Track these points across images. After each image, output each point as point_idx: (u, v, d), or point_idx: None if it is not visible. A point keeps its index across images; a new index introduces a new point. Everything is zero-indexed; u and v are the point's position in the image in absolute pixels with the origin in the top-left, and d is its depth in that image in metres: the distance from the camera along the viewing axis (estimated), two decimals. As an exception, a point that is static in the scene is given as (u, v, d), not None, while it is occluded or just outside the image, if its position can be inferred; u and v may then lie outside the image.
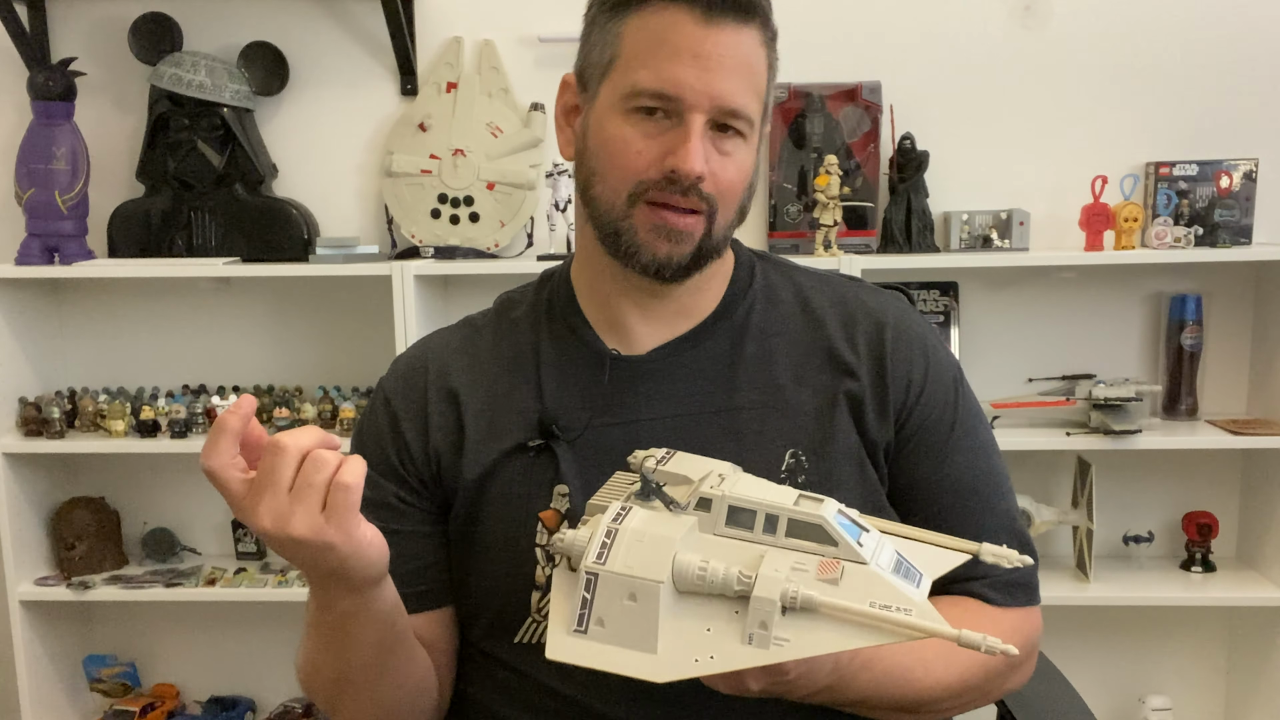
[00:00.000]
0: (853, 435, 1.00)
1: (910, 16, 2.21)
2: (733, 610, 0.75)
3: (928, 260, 2.13)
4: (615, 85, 0.95)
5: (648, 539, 0.76)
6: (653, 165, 0.94)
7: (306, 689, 1.00)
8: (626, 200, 0.95)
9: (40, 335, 2.34)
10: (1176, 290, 2.22)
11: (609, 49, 0.96)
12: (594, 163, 0.98)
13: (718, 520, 0.78)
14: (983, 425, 1.07)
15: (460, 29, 2.26)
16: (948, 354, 1.08)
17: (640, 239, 0.96)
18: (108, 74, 2.30)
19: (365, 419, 1.08)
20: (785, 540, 0.77)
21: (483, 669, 1.03)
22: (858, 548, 0.76)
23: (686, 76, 0.91)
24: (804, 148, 2.19)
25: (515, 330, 1.07)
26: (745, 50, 0.93)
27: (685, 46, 0.91)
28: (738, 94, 0.93)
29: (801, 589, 0.73)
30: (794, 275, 1.09)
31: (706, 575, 0.75)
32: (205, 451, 0.78)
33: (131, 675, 2.47)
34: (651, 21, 0.93)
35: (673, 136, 0.93)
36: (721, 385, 1.01)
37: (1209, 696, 2.36)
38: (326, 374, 2.35)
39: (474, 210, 2.26)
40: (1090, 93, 2.20)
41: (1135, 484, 2.28)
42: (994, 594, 1.01)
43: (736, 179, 0.96)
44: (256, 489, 0.78)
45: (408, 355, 1.11)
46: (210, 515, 2.44)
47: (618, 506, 0.79)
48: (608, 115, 0.96)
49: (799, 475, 0.98)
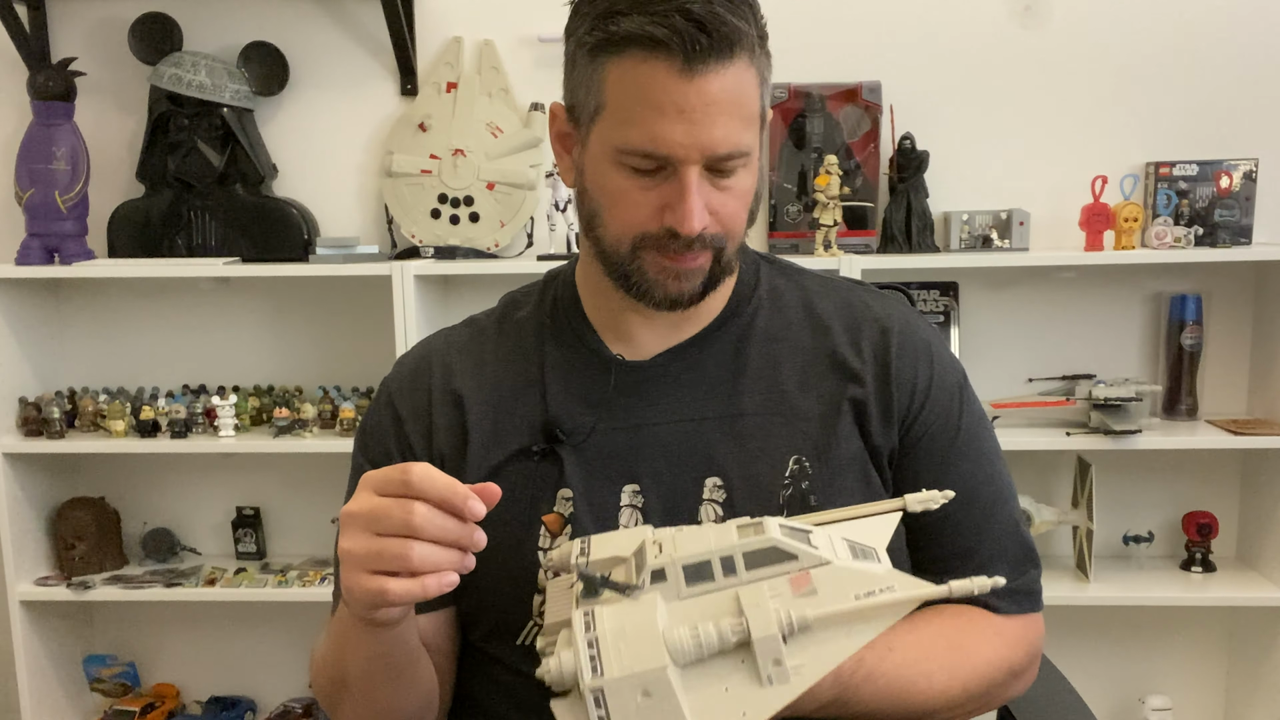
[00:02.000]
0: (857, 442, 0.99)
1: (910, 16, 2.21)
2: (738, 661, 0.74)
3: (928, 260, 2.13)
4: (604, 137, 0.93)
5: (630, 632, 0.75)
6: (652, 219, 0.93)
7: (312, 681, 1.02)
8: (630, 250, 0.95)
9: (40, 335, 2.34)
10: (1176, 290, 2.22)
11: (594, 96, 0.92)
12: (594, 205, 0.97)
13: (679, 585, 0.77)
14: (987, 432, 1.07)
15: (460, 29, 2.26)
16: (953, 360, 1.07)
17: (650, 279, 0.96)
18: (108, 74, 2.30)
19: (369, 417, 1.08)
20: (749, 574, 0.76)
21: (485, 670, 1.03)
22: (815, 551, 0.76)
23: (674, 134, 0.89)
24: (804, 148, 2.19)
25: (520, 333, 1.07)
26: (732, 88, 0.90)
27: (669, 103, 0.88)
28: (729, 138, 0.90)
29: (793, 613, 0.73)
30: (799, 279, 1.08)
31: (701, 640, 0.74)
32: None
33: (131, 675, 2.47)
34: (632, 74, 0.89)
35: (669, 190, 0.91)
36: (726, 391, 1.01)
37: (1209, 696, 2.36)
38: (326, 374, 2.35)
39: (474, 210, 2.26)
40: (1090, 93, 2.20)
41: (1135, 484, 2.28)
42: (998, 601, 1.01)
43: (740, 207, 0.95)
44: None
45: (412, 355, 1.10)
46: (210, 515, 2.44)
47: (581, 616, 0.77)
48: (601, 163, 0.94)
49: (803, 481, 0.97)
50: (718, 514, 0.97)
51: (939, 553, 1.02)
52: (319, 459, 2.24)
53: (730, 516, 0.96)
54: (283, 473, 2.40)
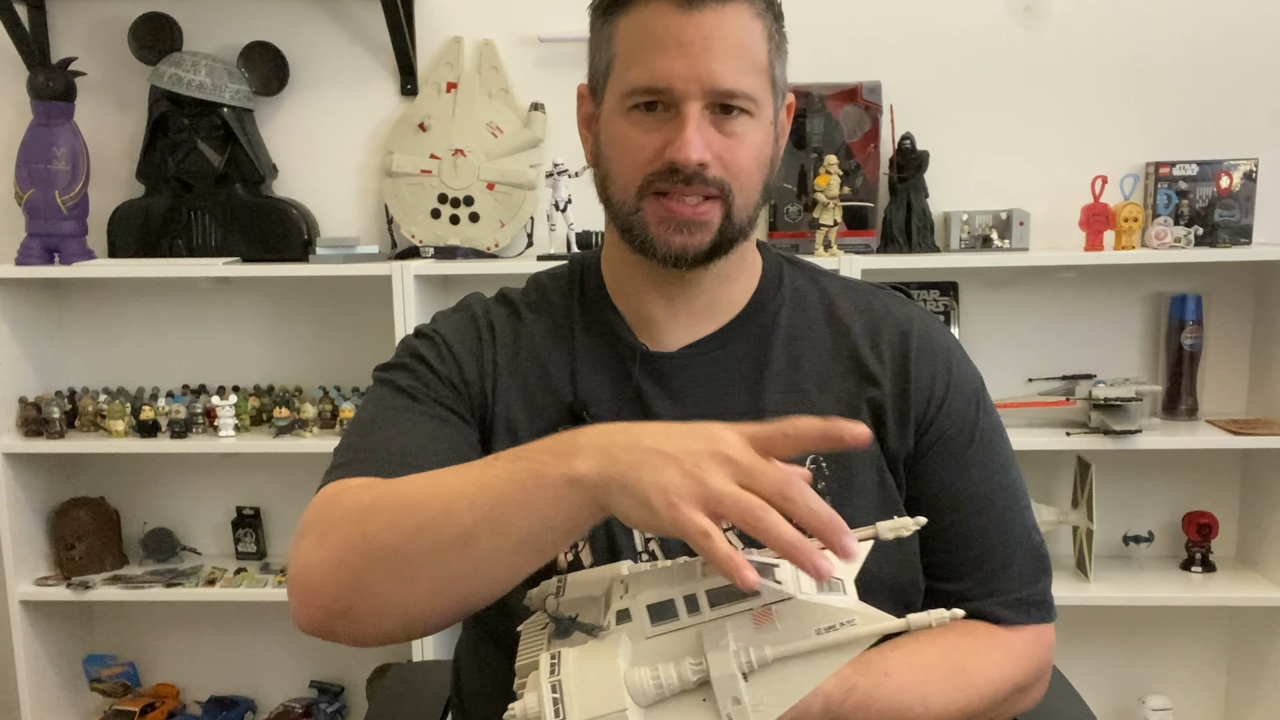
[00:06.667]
0: (873, 444, 0.99)
1: (910, 16, 2.21)
2: (700, 699, 0.75)
3: (928, 260, 2.13)
4: (615, 87, 0.96)
5: (591, 675, 0.75)
6: (655, 158, 0.94)
7: (365, 516, 0.84)
8: (635, 195, 0.96)
9: (40, 335, 2.34)
10: (1176, 290, 2.22)
11: (605, 53, 0.97)
12: (606, 165, 0.99)
13: (643, 625, 0.77)
14: (1003, 440, 1.06)
15: (460, 29, 2.26)
16: (971, 367, 1.08)
17: (652, 233, 0.96)
18: (108, 74, 2.30)
19: (421, 347, 1.05)
20: (713, 612, 0.77)
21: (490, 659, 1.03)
22: (778, 586, 0.76)
23: (674, 66, 0.91)
24: (804, 148, 2.19)
25: (554, 317, 1.07)
26: (732, 28, 0.92)
27: (669, 36, 0.92)
28: (729, 74, 0.92)
29: (752, 652, 0.74)
30: (820, 280, 1.09)
31: (662, 681, 0.74)
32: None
33: (131, 675, 2.47)
34: (637, 19, 0.94)
35: (671, 128, 0.93)
36: (747, 387, 1.01)
37: (1209, 696, 2.36)
38: (326, 374, 2.35)
39: (474, 210, 2.26)
40: (1090, 93, 2.20)
41: (1135, 484, 2.28)
42: (1006, 612, 1.01)
43: (748, 159, 0.96)
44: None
45: (456, 314, 1.09)
46: (210, 515, 2.45)
47: (547, 659, 0.77)
48: (613, 117, 0.97)
49: (819, 482, 0.97)
50: None
51: (949, 559, 1.01)
52: (319, 459, 2.21)
53: None
54: (283, 473, 2.40)
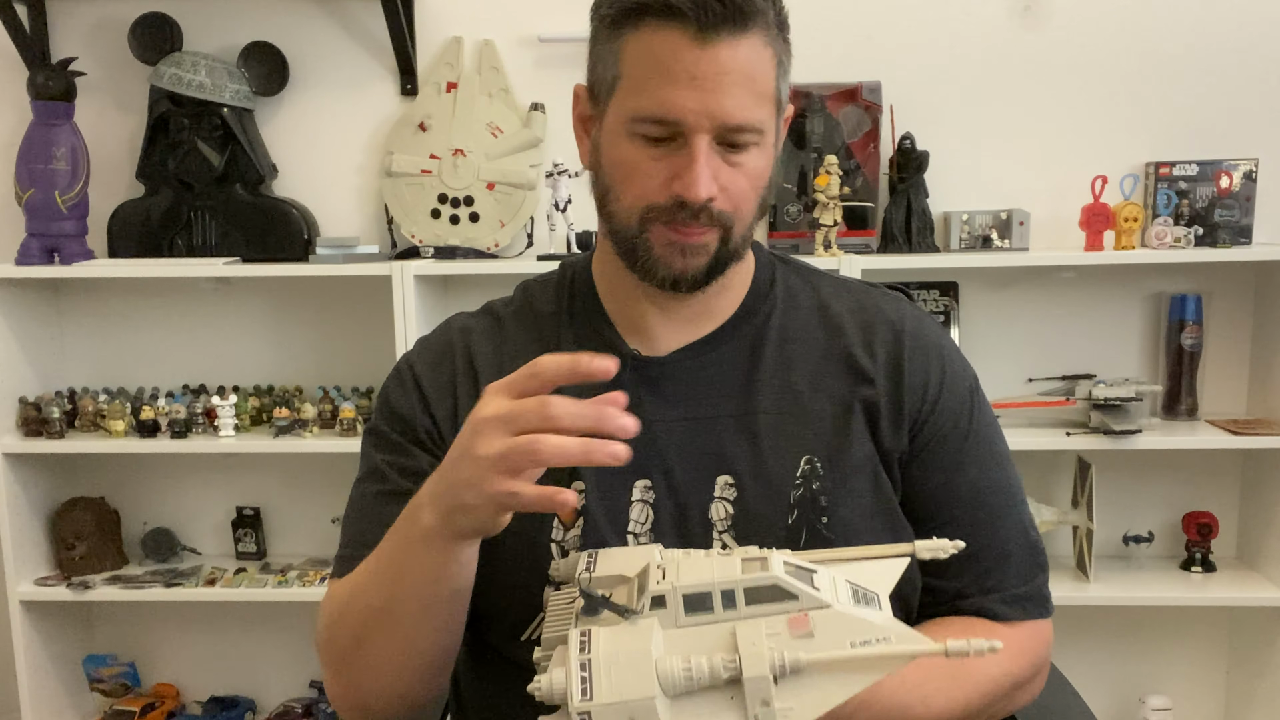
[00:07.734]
0: (868, 443, 0.99)
1: (910, 16, 2.21)
2: (728, 697, 0.74)
3: (928, 260, 2.13)
4: (620, 107, 0.94)
5: (623, 658, 0.74)
6: (660, 189, 0.93)
7: (326, 626, 0.97)
8: (639, 222, 0.95)
9: (40, 335, 2.34)
10: (1176, 290, 2.22)
11: (611, 68, 0.95)
12: (607, 180, 0.97)
13: (677, 614, 0.77)
14: (998, 436, 1.07)
15: (460, 29, 2.26)
16: (964, 364, 1.07)
17: (655, 255, 0.96)
18: (108, 74, 2.30)
19: (394, 393, 1.06)
20: (748, 610, 0.76)
21: (488, 664, 1.03)
22: (816, 593, 0.76)
23: (685, 100, 0.90)
24: (804, 148, 2.19)
25: (539, 324, 1.06)
26: (745, 60, 0.91)
27: (681, 70, 0.90)
28: (740, 109, 0.91)
29: (786, 655, 0.73)
30: (813, 280, 1.09)
31: (693, 673, 0.74)
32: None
33: (131, 675, 2.47)
34: (648, 43, 0.91)
35: (678, 160, 0.92)
36: (740, 389, 1.01)
37: (1209, 696, 2.36)
38: (326, 374, 2.35)
39: (474, 210, 2.26)
40: (1090, 93, 2.20)
41: (1135, 484, 2.28)
42: (1004, 608, 1.01)
43: (750, 188, 0.95)
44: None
45: (434, 339, 1.09)
46: (210, 515, 2.45)
47: (578, 635, 0.77)
48: (616, 135, 0.95)
49: (813, 482, 0.97)
50: (728, 512, 0.97)
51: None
52: (319, 459, 2.24)
53: (741, 515, 0.96)
54: (283, 473, 2.40)
